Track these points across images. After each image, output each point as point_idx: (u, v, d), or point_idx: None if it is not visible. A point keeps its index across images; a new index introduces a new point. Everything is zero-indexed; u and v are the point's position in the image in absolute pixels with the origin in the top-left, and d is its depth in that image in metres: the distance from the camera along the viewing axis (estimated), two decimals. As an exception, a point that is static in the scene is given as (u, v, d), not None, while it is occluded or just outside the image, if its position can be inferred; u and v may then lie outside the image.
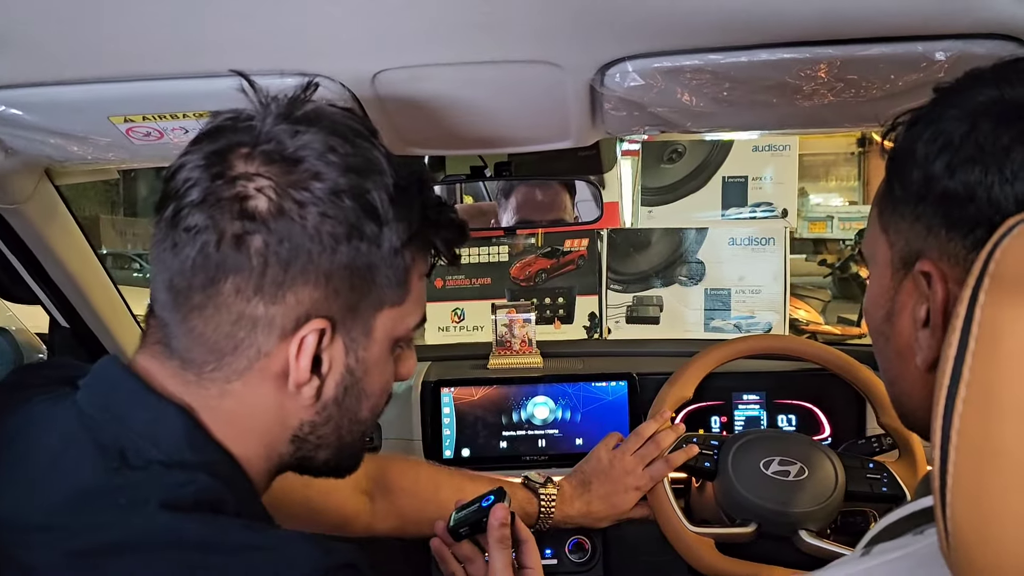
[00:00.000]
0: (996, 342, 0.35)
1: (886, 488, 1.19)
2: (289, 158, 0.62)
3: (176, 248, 0.61)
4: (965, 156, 0.51)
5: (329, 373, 0.66)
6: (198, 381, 0.64)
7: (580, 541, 1.39)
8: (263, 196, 0.60)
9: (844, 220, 11.65)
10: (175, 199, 0.62)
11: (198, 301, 0.62)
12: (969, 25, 0.77)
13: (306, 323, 0.63)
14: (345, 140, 0.64)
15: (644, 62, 0.84)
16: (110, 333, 1.35)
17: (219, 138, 0.64)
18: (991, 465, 0.35)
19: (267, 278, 0.61)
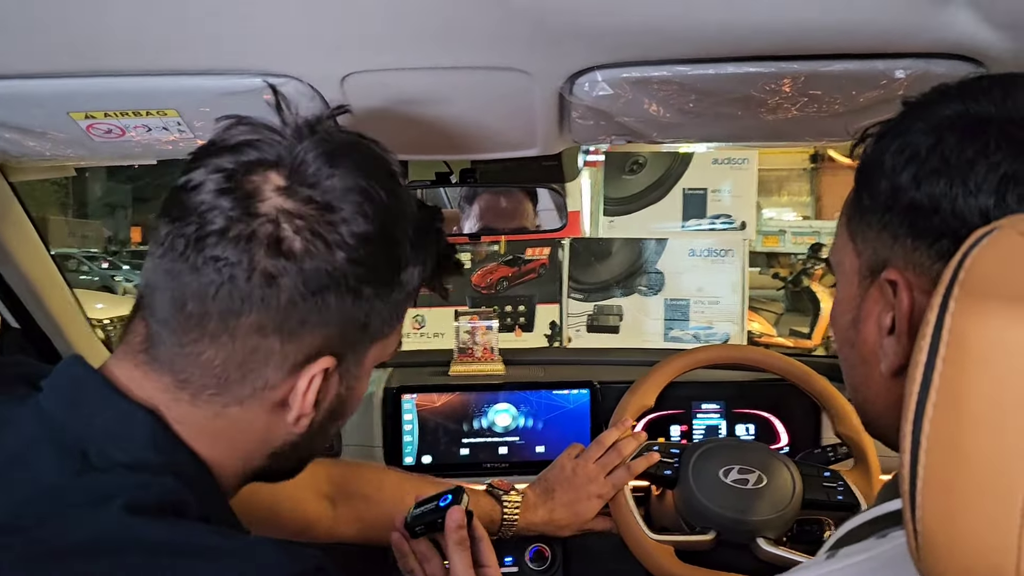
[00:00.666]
0: (965, 349, 0.36)
1: (842, 496, 1.21)
2: (326, 201, 0.61)
3: (197, 273, 0.59)
4: (931, 168, 0.53)
5: (323, 402, 0.67)
6: (192, 401, 0.63)
7: (540, 549, 1.39)
8: (298, 238, 0.59)
9: (796, 234, 11.91)
10: (197, 219, 0.59)
11: (212, 328, 0.60)
12: (928, 44, 0.79)
13: (315, 360, 0.64)
14: (379, 183, 0.63)
15: (613, 72, 0.85)
16: (63, 335, 1.32)
17: (244, 154, 0.62)
18: (961, 469, 0.36)
19: (291, 317, 0.61)
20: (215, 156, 0.62)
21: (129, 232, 22.22)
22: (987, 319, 0.36)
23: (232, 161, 0.61)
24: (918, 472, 0.38)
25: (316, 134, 0.63)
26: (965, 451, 0.36)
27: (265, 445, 0.68)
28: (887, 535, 0.54)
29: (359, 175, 0.62)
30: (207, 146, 0.64)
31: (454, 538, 0.91)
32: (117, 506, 0.54)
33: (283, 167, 0.61)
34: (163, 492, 0.57)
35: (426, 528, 0.95)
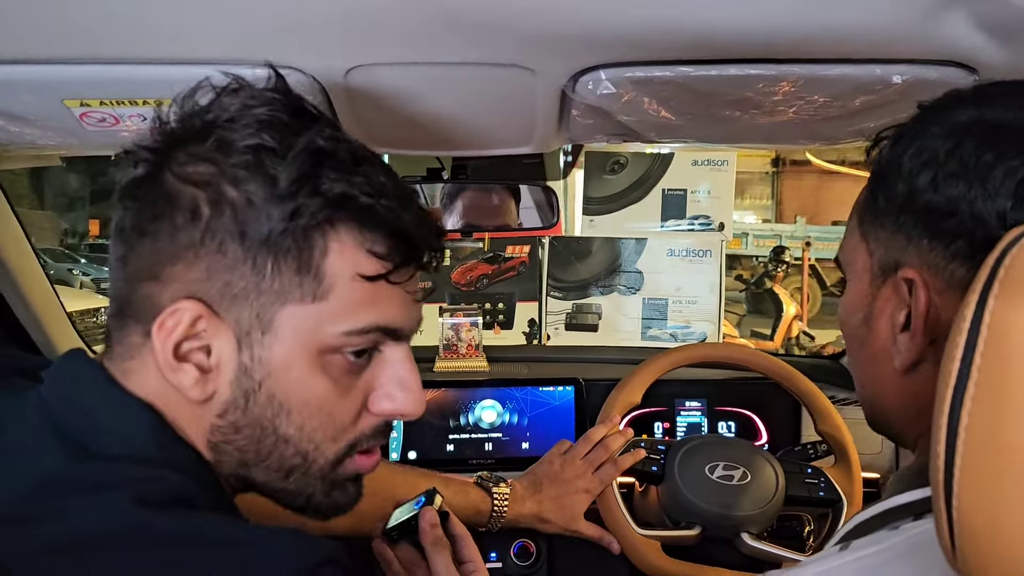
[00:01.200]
0: (1007, 341, 0.38)
1: (823, 492, 1.24)
2: (185, 130, 0.61)
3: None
4: (949, 172, 0.55)
5: (218, 369, 0.60)
6: (111, 360, 0.63)
7: (525, 544, 1.39)
8: (142, 166, 0.60)
9: (758, 237, 12.10)
10: None
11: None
12: (924, 51, 0.82)
13: (174, 302, 0.58)
14: (260, 106, 0.60)
15: (617, 71, 0.86)
16: (42, 328, 1.29)
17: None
18: (1003, 459, 0.37)
19: (144, 247, 0.59)
20: None
21: (87, 225, 21.75)
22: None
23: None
24: (955, 462, 0.39)
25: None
26: (1007, 441, 0.37)
27: (198, 430, 0.62)
28: (899, 527, 0.56)
29: (243, 100, 0.62)
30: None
31: (430, 539, 0.91)
32: (125, 497, 0.53)
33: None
34: (169, 485, 0.56)
35: (403, 533, 0.95)
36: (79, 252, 17.08)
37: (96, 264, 15.93)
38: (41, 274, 1.28)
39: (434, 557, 0.90)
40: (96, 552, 0.52)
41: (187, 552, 0.53)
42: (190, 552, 0.53)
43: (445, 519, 0.94)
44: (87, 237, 19.88)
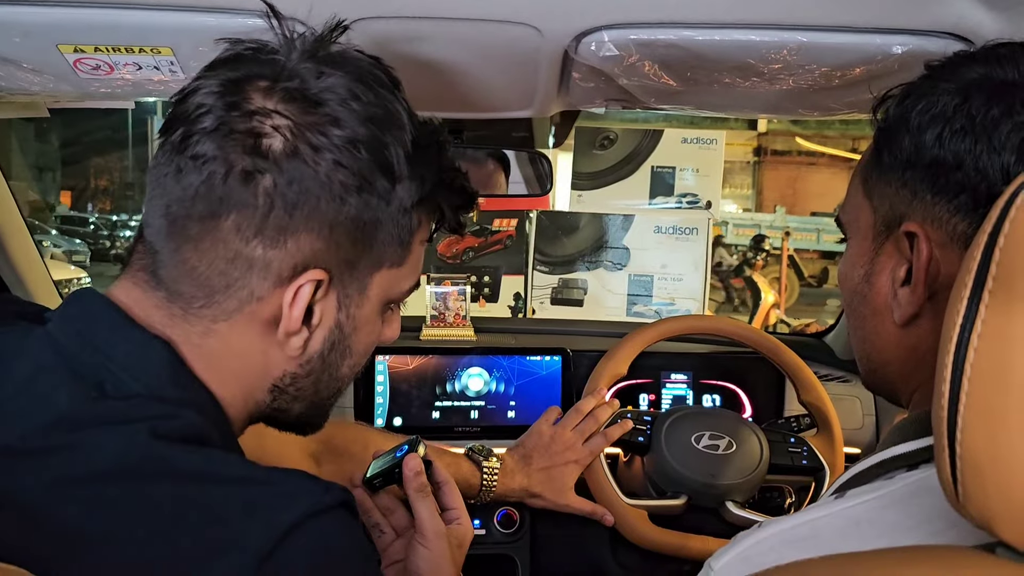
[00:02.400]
0: (1015, 280, 0.38)
1: (806, 461, 1.26)
2: (310, 99, 0.60)
3: (180, 174, 0.59)
4: (957, 127, 0.56)
5: (319, 326, 0.65)
6: (184, 316, 0.61)
7: (509, 512, 1.40)
8: (279, 135, 0.59)
9: (739, 226, 12.18)
10: (185, 123, 0.59)
11: (195, 232, 0.59)
12: (925, 23, 0.83)
13: (303, 272, 0.61)
14: (369, 88, 0.62)
15: (621, 32, 0.86)
16: (24, 285, 1.28)
17: (238, 67, 0.61)
18: (1008, 395, 0.38)
19: (271, 220, 0.59)
20: (208, 71, 0.62)
21: (58, 196, 21.39)
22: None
23: (225, 72, 0.61)
24: (960, 399, 0.40)
25: (304, 43, 0.63)
26: (1013, 377, 0.38)
27: (264, 376, 0.66)
28: (894, 476, 0.57)
29: (349, 78, 0.61)
30: (205, 67, 0.63)
31: (413, 485, 0.89)
32: (143, 431, 0.53)
33: (269, 75, 0.61)
34: (186, 424, 0.56)
35: (385, 480, 0.93)
36: (49, 224, 16.82)
37: (68, 236, 15.69)
38: (24, 227, 1.26)
39: (418, 504, 0.88)
40: (112, 484, 0.52)
41: (205, 487, 0.54)
42: (208, 487, 0.54)
43: (428, 467, 0.93)
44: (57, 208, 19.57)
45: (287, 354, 0.65)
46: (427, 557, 0.87)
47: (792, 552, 0.54)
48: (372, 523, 0.95)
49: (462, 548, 0.92)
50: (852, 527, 0.55)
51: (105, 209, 22.33)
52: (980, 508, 0.41)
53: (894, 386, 0.66)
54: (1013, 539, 0.39)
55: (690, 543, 1.22)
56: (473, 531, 0.94)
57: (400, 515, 0.95)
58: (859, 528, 0.55)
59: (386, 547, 0.94)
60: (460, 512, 0.93)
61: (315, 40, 0.64)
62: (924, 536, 0.52)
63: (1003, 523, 0.40)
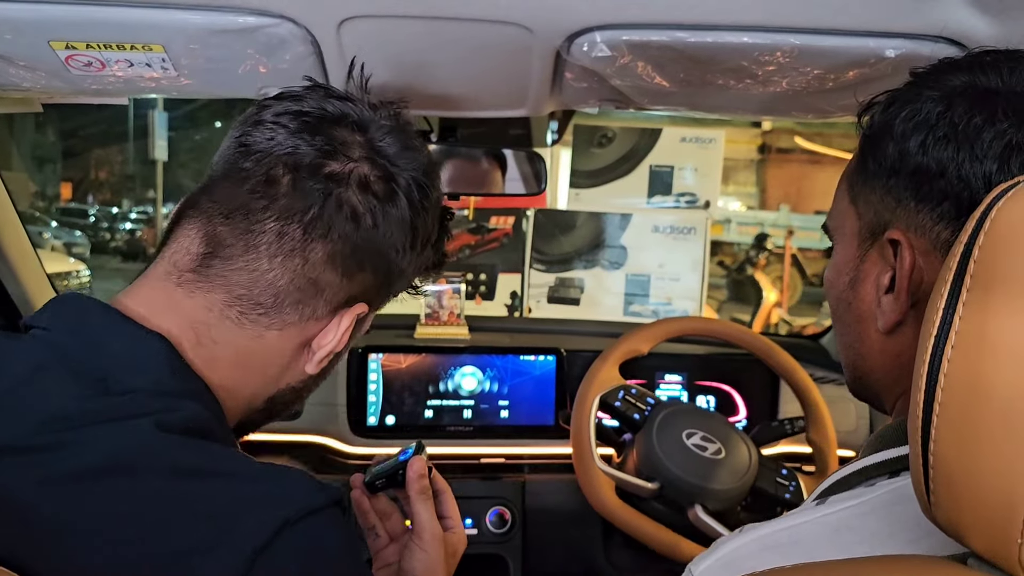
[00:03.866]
0: (989, 292, 0.38)
1: (789, 496, 1.26)
2: (395, 167, 0.69)
3: (291, 194, 0.64)
4: (940, 135, 0.56)
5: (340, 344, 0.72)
6: (238, 320, 0.65)
7: (501, 512, 1.40)
8: (383, 186, 0.67)
9: (741, 224, 12.14)
10: (291, 149, 0.66)
11: (289, 248, 0.64)
12: (919, 27, 0.82)
13: (355, 303, 0.70)
14: (432, 167, 0.74)
15: (613, 33, 0.86)
16: (18, 279, 1.28)
17: (326, 106, 0.69)
18: (981, 404, 0.38)
19: (354, 255, 0.67)
20: (296, 102, 0.69)
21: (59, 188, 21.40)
22: (1015, 267, 0.38)
23: (315, 109, 0.68)
24: (933, 409, 0.40)
25: (387, 111, 0.72)
26: (985, 388, 0.38)
27: (274, 385, 0.71)
28: (875, 483, 0.57)
29: (423, 154, 0.72)
30: (285, 94, 0.71)
31: (416, 487, 0.90)
32: (148, 424, 0.55)
33: (364, 129, 0.69)
34: (189, 416, 0.58)
35: (387, 482, 0.94)
36: (50, 215, 16.83)
37: (68, 228, 15.69)
38: (21, 231, 1.27)
39: (418, 506, 0.89)
40: (106, 479, 0.53)
41: (200, 482, 0.55)
42: (203, 482, 0.55)
43: (429, 473, 0.94)
44: (58, 200, 19.58)
45: (303, 369, 0.71)
46: (423, 559, 0.88)
47: (772, 558, 0.55)
48: (368, 525, 0.96)
49: (455, 557, 0.93)
50: (832, 534, 0.55)
51: (105, 201, 22.35)
52: (951, 518, 0.40)
53: (878, 393, 0.66)
54: (983, 550, 0.39)
55: (644, 525, 1.22)
56: (467, 542, 0.95)
57: (396, 520, 0.96)
58: (839, 535, 0.55)
59: (380, 550, 0.95)
60: (456, 522, 0.94)
61: (388, 106, 0.73)
62: (902, 544, 0.52)
63: (973, 534, 0.39)
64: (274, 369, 0.69)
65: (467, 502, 1.28)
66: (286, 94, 0.70)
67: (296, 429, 1.47)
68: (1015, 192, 0.39)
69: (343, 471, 1.44)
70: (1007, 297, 0.38)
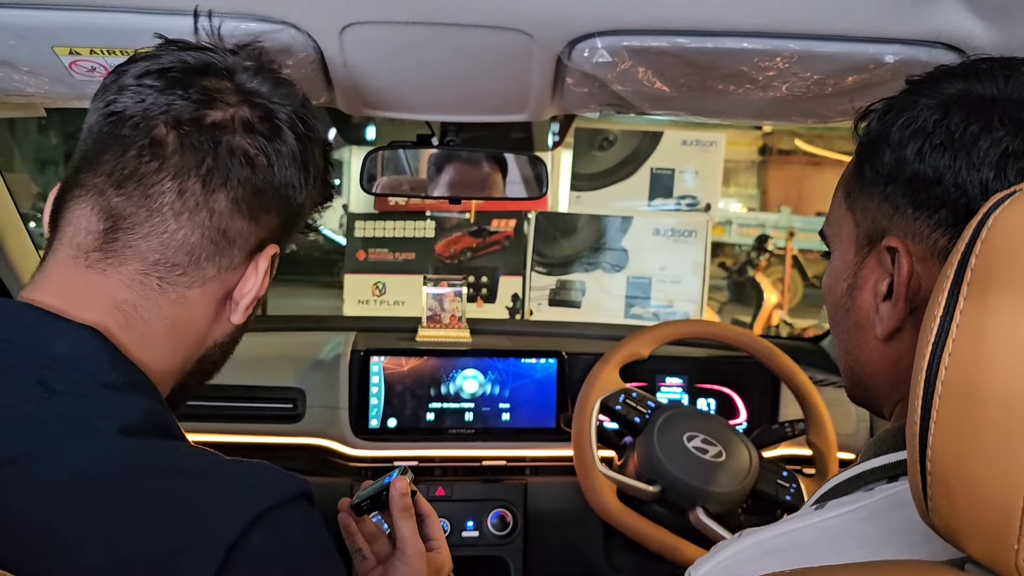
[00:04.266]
0: (985, 299, 0.39)
1: (790, 498, 1.26)
2: (273, 103, 0.68)
3: (180, 152, 0.63)
4: (936, 142, 0.56)
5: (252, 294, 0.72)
6: (159, 286, 0.64)
7: (502, 514, 1.41)
8: (266, 125, 0.67)
9: (742, 226, 12.12)
10: (165, 106, 0.64)
11: (192, 205, 0.64)
12: (918, 32, 0.83)
13: (266, 247, 0.70)
14: (308, 101, 0.74)
15: (614, 39, 0.86)
16: (19, 278, 1.29)
17: (186, 58, 0.68)
18: (977, 411, 0.38)
19: (258, 198, 0.67)
20: (154, 60, 0.67)
21: (64, 190, 21.41)
22: (1011, 273, 0.38)
23: (177, 63, 0.67)
24: (931, 414, 0.41)
25: (247, 53, 0.72)
26: (982, 394, 0.38)
27: (202, 344, 0.70)
28: (873, 488, 0.57)
29: (292, 88, 0.71)
30: (139, 55, 0.69)
31: (398, 504, 0.92)
32: (111, 429, 0.55)
33: (231, 74, 0.68)
34: (147, 411, 0.58)
35: (372, 504, 0.96)
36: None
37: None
38: (23, 232, 1.27)
39: (401, 523, 0.91)
40: (84, 485, 0.53)
41: (173, 482, 0.55)
42: (176, 482, 0.55)
43: (413, 496, 0.95)
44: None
45: (230, 321, 0.71)
46: (405, 573, 0.89)
47: (771, 563, 0.55)
48: (355, 548, 0.96)
49: (440, 574, 0.93)
50: (831, 539, 0.55)
51: (110, 203, 22.32)
52: (948, 523, 0.41)
53: (877, 398, 0.67)
54: (979, 555, 0.40)
55: (645, 527, 1.23)
56: (451, 564, 0.96)
57: (383, 543, 0.97)
58: (838, 540, 0.55)
59: (366, 572, 0.95)
60: (440, 543, 0.96)
61: (246, 48, 0.73)
62: (901, 549, 0.52)
63: (970, 539, 0.40)
64: (202, 329, 0.69)
65: (469, 504, 1.28)
66: (139, 55, 0.68)
67: (298, 432, 1.47)
68: (1012, 200, 0.40)
69: (345, 473, 1.44)
70: (1004, 304, 0.38)
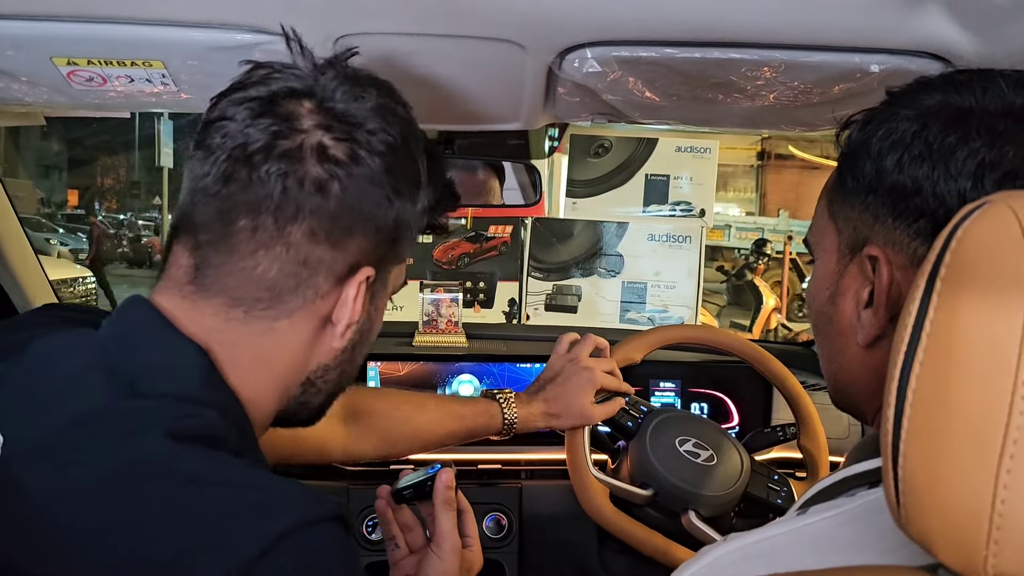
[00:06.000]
0: (954, 311, 0.40)
1: (781, 501, 1.27)
2: (355, 118, 0.66)
3: (249, 186, 0.63)
4: (915, 153, 0.57)
5: (361, 317, 0.71)
6: (244, 318, 0.65)
7: (498, 517, 1.42)
8: (342, 146, 0.65)
9: (741, 230, 12.18)
10: (242, 140, 0.64)
11: (266, 240, 0.64)
12: (903, 42, 0.84)
13: (359, 270, 0.68)
14: (398, 104, 0.71)
15: (604, 50, 0.87)
16: (20, 286, 1.30)
17: (271, 84, 0.67)
18: (948, 419, 0.39)
19: (338, 224, 0.65)
20: (242, 90, 0.66)
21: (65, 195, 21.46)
22: (975, 290, 0.39)
23: (262, 91, 0.66)
24: (903, 422, 0.42)
25: (334, 68, 0.69)
26: (950, 403, 0.40)
27: (303, 369, 0.71)
28: (855, 494, 0.58)
29: (380, 98, 0.69)
30: (232, 85, 0.68)
31: (442, 496, 0.93)
32: (158, 432, 0.56)
33: (312, 95, 0.66)
34: (204, 423, 0.59)
35: (414, 492, 0.97)
36: (56, 222, 16.88)
37: (74, 234, 15.74)
38: (23, 238, 1.28)
39: (441, 516, 0.92)
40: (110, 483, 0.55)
41: (198, 489, 0.56)
42: (202, 490, 0.56)
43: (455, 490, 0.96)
44: (65, 207, 19.64)
45: (331, 346, 0.70)
46: (439, 568, 0.91)
47: (753, 567, 0.56)
48: (389, 536, 0.99)
49: (470, 573, 0.96)
50: (811, 544, 0.56)
51: (112, 208, 22.41)
52: (920, 529, 0.42)
53: (859, 404, 0.68)
54: (950, 561, 0.41)
55: (638, 531, 1.23)
56: (482, 563, 0.97)
57: (417, 534, 0.99)
58: (818, 545, 0.56)
59: (398, 561, 0.98)
60: (474, 541, 0.97)
61: (333, 59, 0.70)
62: (879, 554, 0.53)
63: (941, 545, 0.41)
64: (297, 356, 0.69)
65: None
66: (232, 85, 0.68)
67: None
68: (982, 211, 0.41)
69: (343, 478, 1.45)
70: (972, 313, 0.39)
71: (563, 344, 1.30)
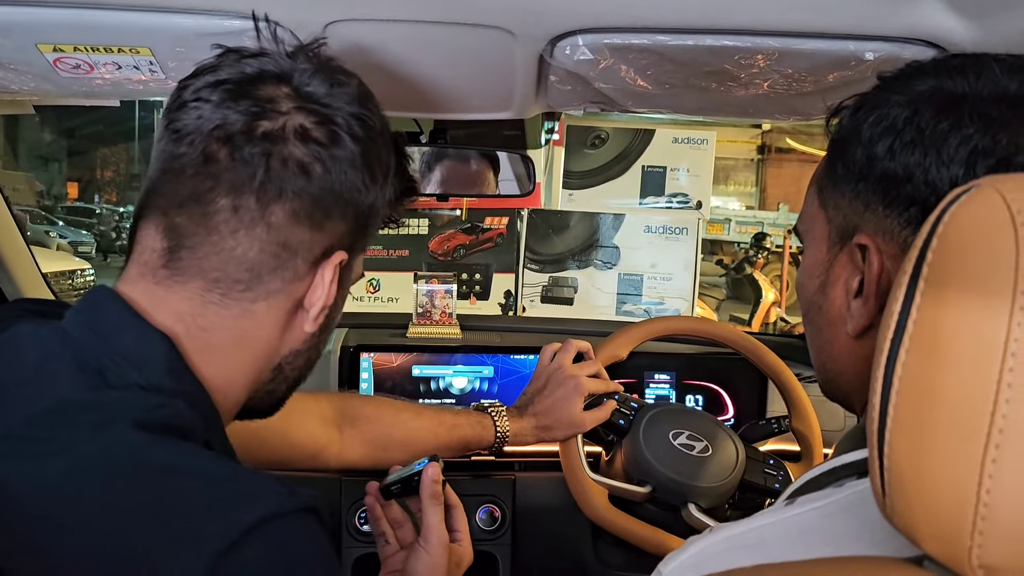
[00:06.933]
0: (940, 300, 0.39)
1: (778, 485, 1.26)
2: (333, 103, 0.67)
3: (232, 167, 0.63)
4: (907, 139, 0.56)
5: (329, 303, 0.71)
6: (222, 301, 0.64)
7: (491, 509, 1.41)
8: (323, 129, 0.65)
9: (740, 224, 12.17)
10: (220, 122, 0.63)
11: (248, 220, 0.63)
12: (897, 29, 0.83)
13: (332, 253, 0.68)
14: (369, 97, 0.71)
15: (595, 37, 0.86)
16: (12, 278, 1.29)
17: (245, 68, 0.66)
18: (933, 408, 0.39)
19: (319, 206, 0.65)
20: (212, 73, 0.66)
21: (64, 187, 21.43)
22: (962, 273, 0.39)
23: (234, 74, 0.66)
24: (888, 412, 0.41)
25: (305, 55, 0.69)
26: (935, 393, 0.39)
27: (275, 354, 0.70)
28: (843, 484, 0.58)
29: (355, 86, 0.69)
30: (200, 68, 0.67)
31: (428, 491, 0.93)
32: (126, 423, 0.55)
33: (289, 80, 0.66)
34: (172, 414, 0.59)
35: (402, 488, 0.97)
36: (55, 214, 16.86)
37: (73, 227, 15.72)
38: (15, 230, 1.28)
39: (428, 510, 0.92)
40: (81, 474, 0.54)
41: (169, 480, 0.55)
42: (172, 480, 0.55)
43: (443, 485, 0.96)
44: (64, 199, 19.60)
45: (303, 330, 0.70)
46: (427, 562, 0.91)
47: (739, 558, 0.55)
48: (379, 532, 0.99)
49: (459, 568, 0.95)
50: (798, 535, 0.55)
51: (111, 200, 22.40)
52: (905, 520, 0.41)
53: (849, 394, 0.67)
54: (935, 552, 0.40)
55: (640, 529, 1.22)
56: (472, 557, 0.97)
57: (407, 529, 0.99)
58: (805, 536, 0.55)
59: (387, 556, 0.98)
60: (464, 536, 0.98)
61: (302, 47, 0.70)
62: (867, 545, 0.52)
63: (926, 536, 0.40)
64: (273, 339, 0.69)
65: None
66: (200, 68, 0.68)
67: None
68: (969, 196, 0.40)
69: (336, 470, 1.44)
70: (958, 300, 0.39)
71: (546, 355, 1.30)
